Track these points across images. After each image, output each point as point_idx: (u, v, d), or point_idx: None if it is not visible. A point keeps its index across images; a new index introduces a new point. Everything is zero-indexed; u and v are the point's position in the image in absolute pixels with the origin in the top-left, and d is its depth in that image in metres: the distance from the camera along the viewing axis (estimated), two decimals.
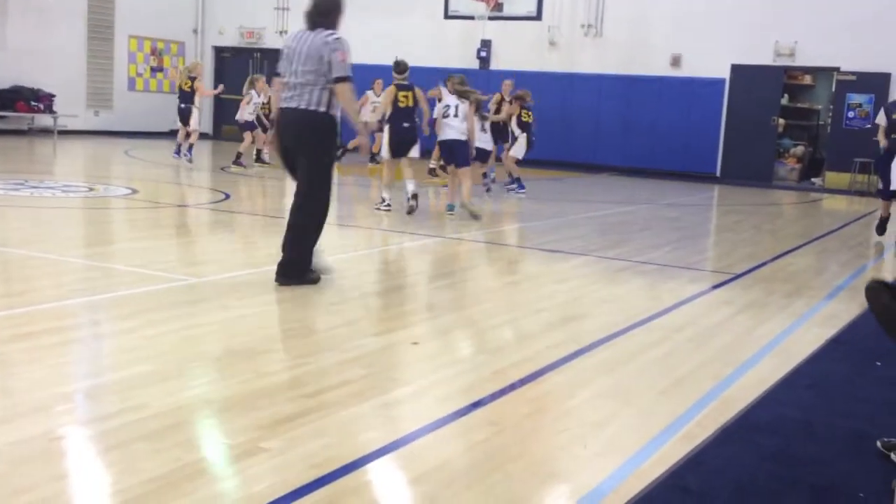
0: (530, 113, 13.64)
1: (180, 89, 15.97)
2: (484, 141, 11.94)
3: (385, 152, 10.52)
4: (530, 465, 3.28)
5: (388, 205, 10.33)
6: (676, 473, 3.25)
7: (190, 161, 15.56)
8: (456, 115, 10.44)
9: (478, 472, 3.18)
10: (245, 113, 15.92)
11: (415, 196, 10.21)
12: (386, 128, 10.51)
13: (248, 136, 15.88)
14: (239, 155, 15.70)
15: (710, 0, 18.92)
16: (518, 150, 13.57)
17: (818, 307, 6.54)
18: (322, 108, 5.93)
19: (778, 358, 4.98)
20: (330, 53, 5.85)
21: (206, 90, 16.10)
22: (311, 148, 5.98)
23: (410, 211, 10.17)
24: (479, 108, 11.51)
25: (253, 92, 15.96)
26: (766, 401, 4.17)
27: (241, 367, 4.22)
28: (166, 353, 4.38)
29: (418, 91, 10.57)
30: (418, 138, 10.61)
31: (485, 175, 13.45)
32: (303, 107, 5.91)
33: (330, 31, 5.95)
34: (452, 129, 10.46)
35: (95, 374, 4.11)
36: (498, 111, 13.78)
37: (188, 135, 15.78)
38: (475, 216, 10.10)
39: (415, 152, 10.50)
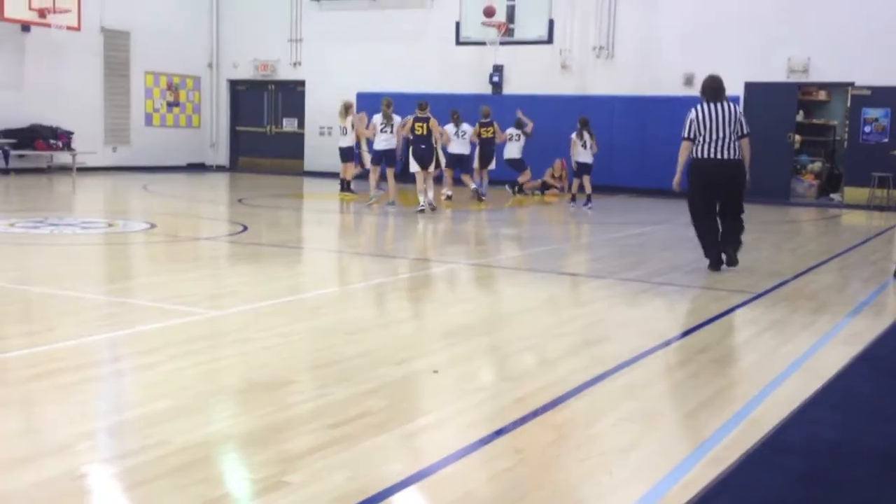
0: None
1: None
2: (584, 155, 15.63)
3: (413, 167, 13.72)
4: (555, 494, 3.25)
5: (423, 208, 13.32)
6: (705, 498, 3.20)
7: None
8: (392, 132, 14.18)
9: (502, 501, 3.15)
10: (379, 141, 15.23)
11: (431, 204, 13.59)
12: (410, 149, 13.86)
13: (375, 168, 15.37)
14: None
15: (722, 18, 18.92)
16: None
17: (842, 324, 6.47)
18: (741, 157, 8.64)
19: (804, 377, 4.92)
20: (741, 117, 8.69)
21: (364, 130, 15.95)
22: (742, 184, 8.80)
23: (423, 210, 13.32)
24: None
25: (384, 119, 15.13)
26: (794, 421, 4.12)
27: (262, 400, 4.21)
28: (188, 388, 4.38)
29: (433, 122, 13.70)
30: (434, 156, 13.83)
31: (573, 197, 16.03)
32: (734, 157, 8.59)
33: (733, 102, 8.75)
34: (383, 142, 14.23)
35: (118, 411, 4.11)
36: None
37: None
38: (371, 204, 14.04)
39: (432, 167, 13.81)
